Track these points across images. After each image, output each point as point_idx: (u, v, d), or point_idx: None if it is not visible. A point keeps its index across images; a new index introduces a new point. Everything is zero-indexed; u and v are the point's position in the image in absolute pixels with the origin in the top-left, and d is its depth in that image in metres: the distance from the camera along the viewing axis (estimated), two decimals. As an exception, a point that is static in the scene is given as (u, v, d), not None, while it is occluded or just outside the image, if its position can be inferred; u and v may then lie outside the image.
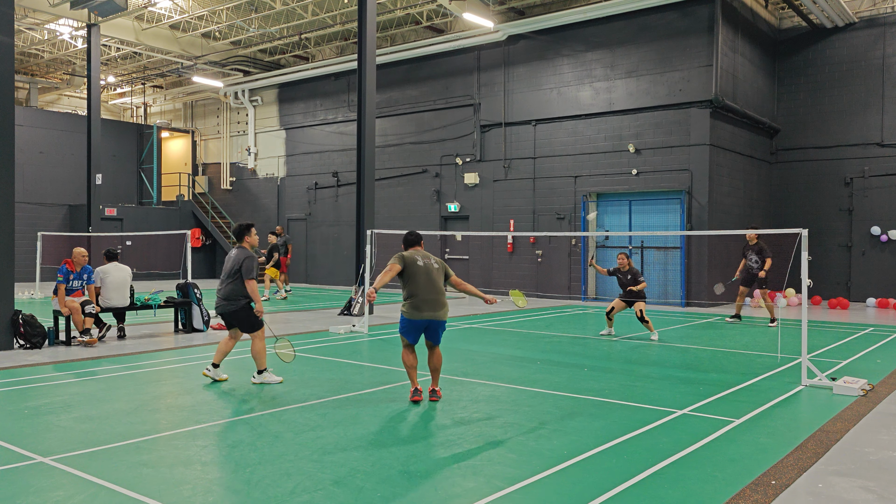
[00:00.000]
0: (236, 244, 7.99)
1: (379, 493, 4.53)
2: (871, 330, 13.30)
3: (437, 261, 7.25)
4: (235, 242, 8.02)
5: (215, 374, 7.99)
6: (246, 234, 7.93)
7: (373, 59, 15.60)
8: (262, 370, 7.87)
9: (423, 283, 6.96)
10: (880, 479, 4.91)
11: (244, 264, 7.67)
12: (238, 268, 7.67)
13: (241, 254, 7.75)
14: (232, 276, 7.71)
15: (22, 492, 4.51)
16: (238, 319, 7.81)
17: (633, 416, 6.57)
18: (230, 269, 7.74)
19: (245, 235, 7.93)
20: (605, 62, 19.00)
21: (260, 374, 7.86)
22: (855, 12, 19.26)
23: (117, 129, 29.64)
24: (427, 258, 7.14)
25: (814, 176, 20.02)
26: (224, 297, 7.75)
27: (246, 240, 7.93)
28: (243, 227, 7.99)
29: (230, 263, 7.78)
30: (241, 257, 7.72)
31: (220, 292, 7.80)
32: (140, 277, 21.01)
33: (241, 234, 7.95)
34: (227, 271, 7.76)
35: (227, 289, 7.75)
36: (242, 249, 7.83)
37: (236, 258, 7.76)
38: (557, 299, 19.23)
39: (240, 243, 7.94)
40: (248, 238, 7.93)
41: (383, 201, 22.58)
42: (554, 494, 4.57)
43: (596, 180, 19.13)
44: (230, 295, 7.73)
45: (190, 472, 4.92)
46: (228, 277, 7.74)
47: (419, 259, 7.05)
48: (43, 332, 10.43)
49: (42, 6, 20.75)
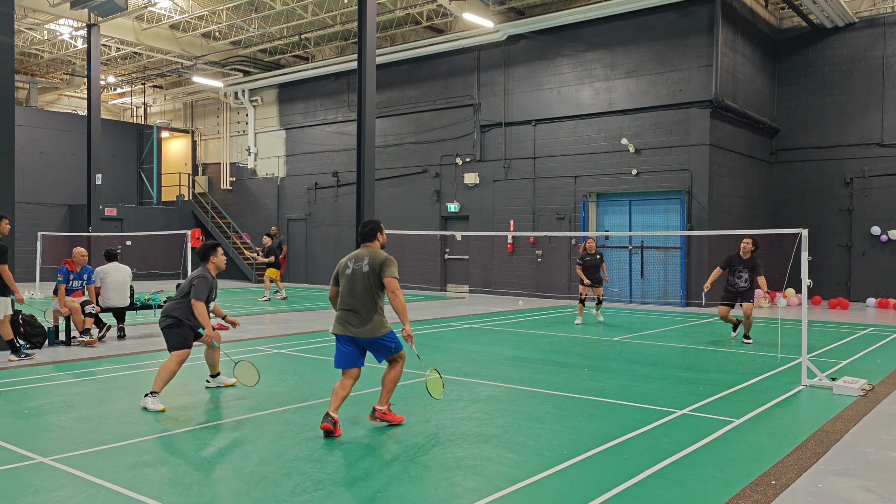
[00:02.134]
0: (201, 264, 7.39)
1: (379, 493, 4.54)
2: (871, 330, 13.30)
3: (373, 262, 5.95)
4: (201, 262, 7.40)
5: (219, 382, 7.78)
6: (212, 254, 7.36)
7: (373, 59, 15.60)
8: (153, 392, 6.87)
9: (344, 290, 6.03)
10: (880, 479, 4.91)
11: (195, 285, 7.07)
12: (188, 290, 7.11)
13: (197, 273, 7.22)
14: (183, 295, 7.15)
15: (22, 492, 4.51)
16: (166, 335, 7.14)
17: (633, 416, 6.57)
18: (183, 287, 7.21)
19: (210, 255, 7.36)
20: (605, 62, 19.00)
21: (146, 397, 6.86)
22: (855, 12, 19.25)
23: (117, 129, 29.64)
24: (361, 260, 5.98)
25: (814, 176, 20.02)
26: (165, 312, 7.15)
27: (211, 260, 7.36)
28: (208, 247, 7.41)
29: (185, 282, 7.26)
30: (194, 277, 7.18)
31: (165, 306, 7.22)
32: (140, 277, 21.00)
33: (207, 254, 7.37)
34: (181, 289, 7.23)
35: (171, 305, 7.17)
36: (203, 269, 7.29)
37: (190, 277, 7.24)
38: (557, 299, 19.23)
39: (204, 263, 7.37)
40: (214, 258, 7.36)
41: (383, 201, 22.57)
42: (554, 494, 4.56)
43: (596, 180, 19.13)
44: (170, 311, 7.11)
45: (190, 472, 4.92)
46: (179, 295, 7.19)
47: (351, 263, 6.03)
48: (43, 332, 10.43)
49: (42, 6, 20.75)
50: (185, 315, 7.08)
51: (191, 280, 7.20)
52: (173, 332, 7.10)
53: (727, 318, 11.68)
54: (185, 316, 7.08)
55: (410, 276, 22.34)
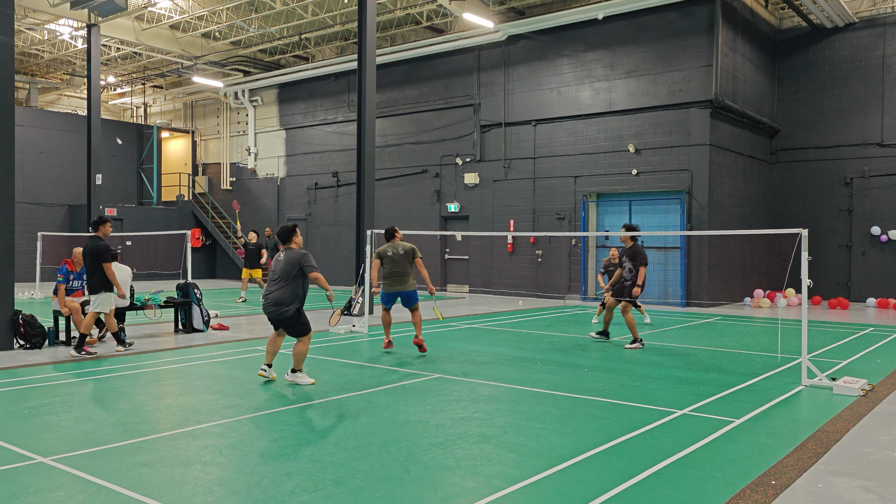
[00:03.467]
0: (283, 246, 7.81)
1: (379, 493, 4.54)
2: (871, 330, 13.30)
3: (405, 248, 9.86)
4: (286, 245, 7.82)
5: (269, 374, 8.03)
6: (293, 234, 7.81)
7: (373, 59, 15.60)
8: (297, 370, 7.80)
9: (390, 266, 9.84)
10: (880, 479, 4.91)
11: (304, 261, 7.57)
12: (296, 270, 7.56)
13: (295, 254, 7.63)
14: (287, 279, 7.54)
15: (22, 492, 4.51)
16: (287, 325, 7.67)
17: (633, 416, 6.57)
18: (284, 271, 7.56)
19: (293, 236, 7.81)
20: (605, 62, 19.00)
21: (293, 374, 7.80)
22: (855, 12, 19.26)
23: (117, 129, 29.64)
24: (396, 248, 9.89)
25: (814, 176, 20.02)
26: (274, 301, 7.55)
27: (294, 240, 7.80)
28: (289, 229, 7.83)
29: (283, 265, 7.60)
30: (296, 257, 7.59)
31: (270, 296, 7.58)
32: (140, 277, 21.00)
33: (289, 235, 7.81)
34: (281, 274, 7.56)
35: (279, 293, 7.55)
36: (292, 250, 7.70)
37: (291, 259, 7.59)
38: (557, 299, 19.23)
39: (287, 244, 7.78)
40: (296, 238, 7.82)
41: (383, 201, 22.58)
42: (554, 494, 4.56)
43: (596, 180, 19.13)
44: (281, 300, 7.55)
45: (190, 472, 4.92)
46: (282, 280, 7.54)
47: (389, 250, 9.92)
48: (43, 332, 10.43)
49: (42, 6, 20.75)
50: (300, 298, 7.60)
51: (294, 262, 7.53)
52: (300, 318, 7.61)
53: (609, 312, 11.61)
54: (300, 299, 7.60)
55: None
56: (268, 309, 7.62)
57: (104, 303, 9.74)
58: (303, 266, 7.55)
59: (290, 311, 7.53)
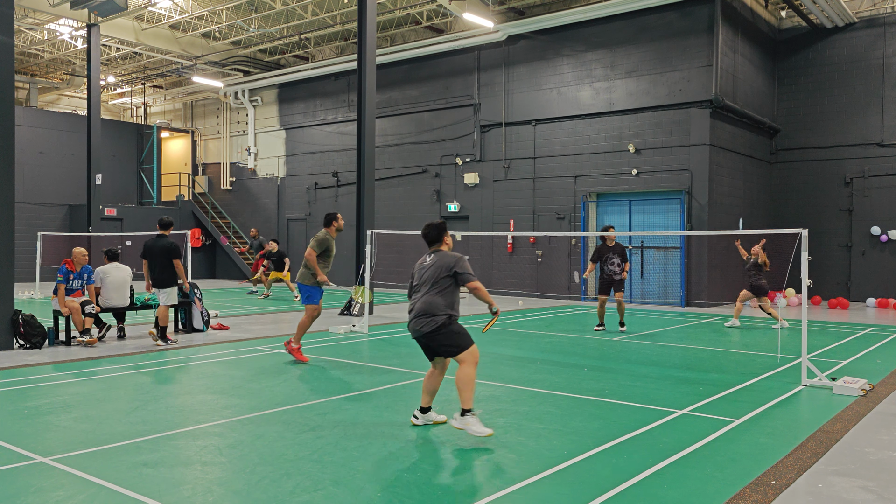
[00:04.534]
0: (432, 248, 6.25)
1: (379, 493, 4.53)
2: (871, 330, 13.29)
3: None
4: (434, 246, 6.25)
5: (427, 419, 6.24)
6: (444, 234, 6.28)
7: (373, 59, 15.60)
8: (467, 410, 5.79)
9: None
10: (880, 479, 4.91)
11: (459, 266, 6.00)
12: (447, 277, 5.98)
13: (447, 258, 6.06)
14: (435, 286, 5.99)
15: (22, 492, 4.51)
16: (439, 341, 5.93)
17: (633, 416, 6.57)
18: (432, 277, 6.00)
19: (443, 236, 6.27)
20: (605, 62, 19.00)
21: (463, 417, 5.79)
22: (855, 12, 19.25)
23: (117, 129, 29.63)
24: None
25: (814, 176, 20.02)
26: (421, 312, 5.94)
27: (445, 241, 6.28)
28: (439, 228, 6.28)
29: (431, 271, 6.03)
30: (449, 262, 6.02)
31: (415, 307, 6.01)
32: (140, 277, 20.99)
33: (439, 235, 6.26)
34: (428, 280, 6.02)
35: (426, 302, 5.96)
36: (442, 253, 6.14)
37: (442, 264, 6.01)
38: (557, 299, 19.23)
39: (436, 246, 6.24)
40: (447, 239, 6.31)
41: (383, 201, 22.58)
42: (554, 494, 4.56)
43: (596, 180, 19.13)
44: (428, 309, 5.92)
45: (190, 472, 4.92)
46: (430, 287, 5.99)
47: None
48: (43, 332, 10.43)
49: (42, 6, 20.75)
50: (453, 307, 6.04)
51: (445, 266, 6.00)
52: (453, 327, 5.96)
53: (603, 312, 12.79)
54: (453, 309, 6.04)
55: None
56: (414, 324, 5.99)
57: (173, 295, 10.75)
58: (457, 273, 5.98)
59: (441, 321, 5.88)
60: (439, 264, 6.04)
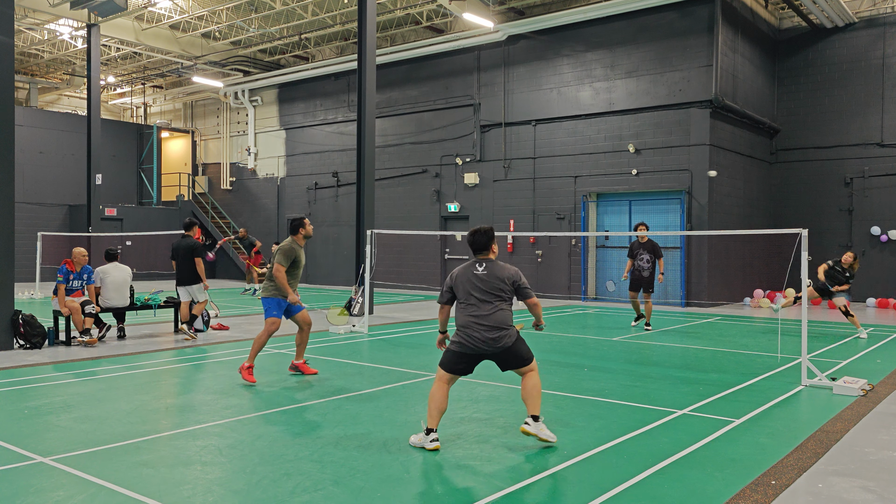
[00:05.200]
0: (479, 256, 5.79)
1: (379, 493, 4.53)
2: (871, 330, 13.29)
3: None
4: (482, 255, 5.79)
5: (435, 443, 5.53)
6: (493, 241, 5.82)
7: (373, 59, 15.60)
8: (537, 416, 5.64)
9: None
10: (880, 479, 4.91)
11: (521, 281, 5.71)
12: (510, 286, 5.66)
13: (505, 270, 5.70)
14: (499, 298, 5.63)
15: (22, 492, 4.51)
16: (509, 354, 5.65)
17: (633, 416, 6.57)
18: (494, 288, 5.61)
19: (492, 243, 5.80)
20: (605, 62, 19.00)
21: (537, 423, 5.60)
22: (855, 12, 19.25)
23: (117, 129, 29.64)
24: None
25: (814, 176, 20.02)
26: (495, 325, 5.55)
27: (493, 249, 5.81)
28: (490, 235, 5.81)
29: (488, 282, 5.62)
30: (510, 275, 5.68)
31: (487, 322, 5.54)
32: (140, 277, 21.00)
33: (488, 243, 5.79)
34: (490, 291, 5.61)
35: (498, 315, 5.58)
36: (494, 263, 5.74)
37: (501, 275, 5.65)
38: (557, 299, 19.23)
39: (484, 254, 5.78)
40: (494, 246, 5.84)
41: (383, 201, 22.58)
42: (554, 494, 4.56)
43: (596, 180, 19.13)
44: (503, 322, 5.58)
45: (190, 472, 4.92)
46: (495, 299, 5.60)
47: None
48: (43, 332, 10.42)
49: (42, 6, 20.75)
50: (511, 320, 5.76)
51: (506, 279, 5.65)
52: (524, 342, 5.78)
53: (636, 305, 13.18)
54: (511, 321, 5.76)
55: (410, 275, 22.34)
56: (487, 338, 5.54)
57: (201, 291, 11.42)
58: (520, 288, 5.69)
59: (514, 333, 5.67)
60: (499, 276, 5.67)
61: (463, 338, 5.59)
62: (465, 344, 5.58)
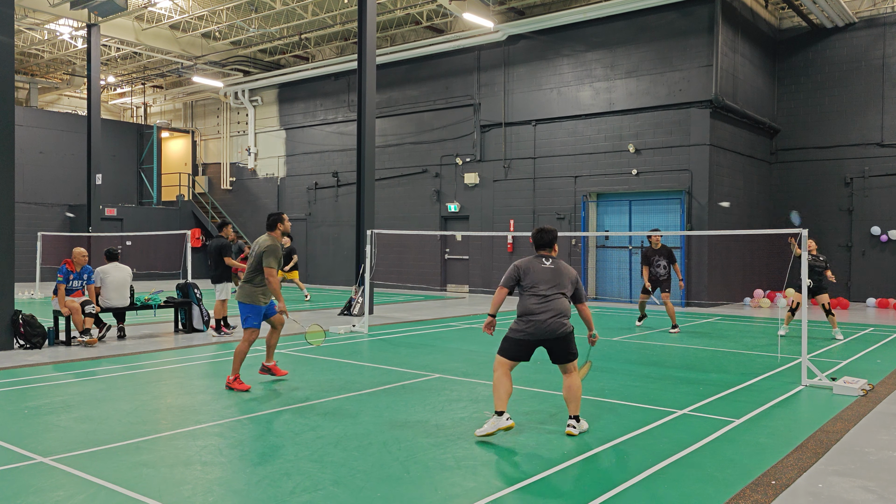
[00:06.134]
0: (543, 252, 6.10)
1: (379, 493, 4.53)
2: (871, 330, 13.30)
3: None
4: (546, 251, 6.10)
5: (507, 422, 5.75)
6: (556, 240, 6.16)
7: (373, 59, 15.60)
8: (578, 415, 5.96)
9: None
10: (880, 479, 4.91)
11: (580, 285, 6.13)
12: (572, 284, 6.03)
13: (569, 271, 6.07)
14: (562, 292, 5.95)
15: (22, 492, 4.51)
16: (561, 344, 5.97)
17: (633, 415, 6.57)
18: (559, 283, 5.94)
19: (555, 242, 6.14)
20: (605, 62, 19.00)
21: (579, 422, 5.93)
22: (855, 12, 19.25)
23: (117, 129, 29.64)
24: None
25: (814, 176, 20.01)
26: (560, 312, 5.86)
27: (555, 247, 6.16)
28: (555, 235, 6.13)
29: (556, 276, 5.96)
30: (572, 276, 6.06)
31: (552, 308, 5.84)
32: (140, 277, 20.99)
33: (552, 242, 6.12)
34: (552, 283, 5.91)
35: (561, 303, 5.91)
36: (557, 261, 6.07)
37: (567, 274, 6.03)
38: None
39: (549, 251, 6.11)
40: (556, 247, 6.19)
41: (383, 201, 22.58)
42: (554, 494, 4.56)
43: (596, 180, 19.13)
44: (565, 310, 5.92)
45: (190, 472, 4.92)
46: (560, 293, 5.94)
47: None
48: (43, 332, 10.42)
49: (42, 6, 20.75)
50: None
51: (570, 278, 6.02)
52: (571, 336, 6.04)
53: (643, 306, 13.34)
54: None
55: (410, 275, 22.34)
56: (550, 323, 5.82)
57: (226, 290, 11.95)
58: (577, 291, 6.11)
59: (570, 326, 5.99)
60: (564, 272, 6.02)
61: (526, 325, 5.88)
62: (527, 331, 5.88)
